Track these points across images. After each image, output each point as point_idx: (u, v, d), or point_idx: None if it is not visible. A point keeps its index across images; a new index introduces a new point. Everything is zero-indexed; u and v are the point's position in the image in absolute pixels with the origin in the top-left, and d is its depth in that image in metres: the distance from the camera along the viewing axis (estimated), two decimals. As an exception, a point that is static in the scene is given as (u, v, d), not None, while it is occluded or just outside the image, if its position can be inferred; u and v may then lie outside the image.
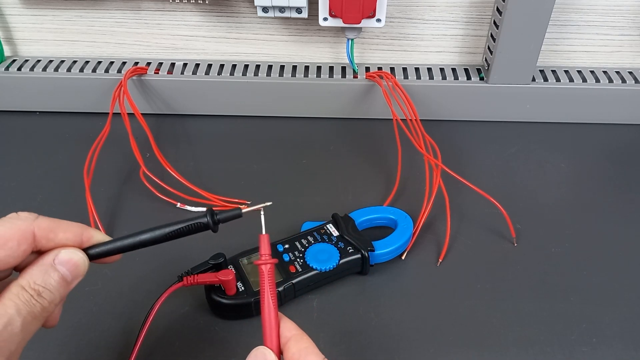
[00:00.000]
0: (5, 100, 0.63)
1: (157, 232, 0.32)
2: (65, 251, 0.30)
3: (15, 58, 0.64)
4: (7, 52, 0.65)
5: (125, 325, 0.42)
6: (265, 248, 0.32)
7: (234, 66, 0.63)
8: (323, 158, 0.58)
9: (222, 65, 0.63)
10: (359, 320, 0.42)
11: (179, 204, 0.51)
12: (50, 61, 0.63)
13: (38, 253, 0.30)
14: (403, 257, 0.47)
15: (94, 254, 0.31)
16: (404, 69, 0.63)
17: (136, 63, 0.63)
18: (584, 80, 0.61)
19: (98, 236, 0.32)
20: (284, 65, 0.63)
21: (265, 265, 0.32)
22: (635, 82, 0.61)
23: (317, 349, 0.30)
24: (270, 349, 0.30)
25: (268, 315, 0.31)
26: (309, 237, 0.46)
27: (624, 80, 0.61)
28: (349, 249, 0.44)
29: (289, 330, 0.31)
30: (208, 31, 0.63)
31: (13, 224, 0.29)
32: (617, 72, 0.62)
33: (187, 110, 0.64)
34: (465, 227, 0.50)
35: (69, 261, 0.29)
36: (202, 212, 0.33)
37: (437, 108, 0.62)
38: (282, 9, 0.55)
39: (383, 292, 0.44)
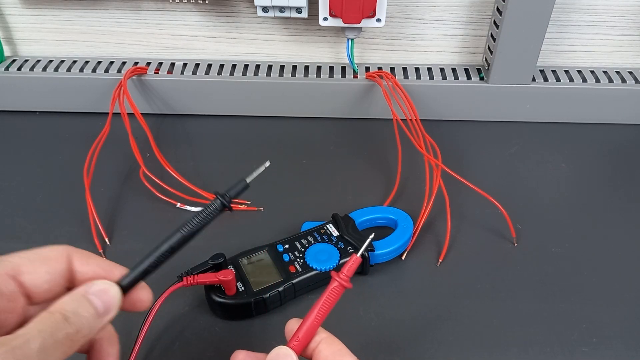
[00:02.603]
0: (5, 100, 0.63)
1: (175, 238, 0.31)
2: (99, 282, 0.28)
3: (15, 58, 0.64)
4: (7, 52, 0.65)
5: (125, 325, 0.42)
6: (350, 270, 0.32)
7: (234, 66, 0.63)
8: (323, 158, 0.58)
9: (222, 65, 0.63)
10: (359, 320, 0.42)
11: (178, 204, 0.51)
12: (50, 61, 0.63)
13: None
14: (403, 257, 0.47)
15: (126, 285, 0.30)
16: (404, 69, 0.63)
17: (136, 63, 0.63)
18: (584, 80, 0.61)
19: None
20: (284, 65, 0.63)
21: (338, 284, 0.31)
22: (635, 82, 0.61)
23: (349, 350, 0.30)
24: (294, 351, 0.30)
25: (311, 326, 0.31)
26: (309, 237, 0.46)
27: (624, 80, 0.61)
28: (349, 249, 0.44)
29: (318, 334, 0.31)
30: (208, 31, 0.63)
31: (51, 247, 0.29)
32: (617, 72, 0.62)
33: (187, 110, 0.64)
34: (465, 227, 0.50)
35: (102, 292, 0.28)
36: (211, 200, 0.32)
37: (437, 108, 0.62)
38: (282, 9, 0.55)
39: (383, 292, 0.44)
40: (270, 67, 0.63)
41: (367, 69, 0.63)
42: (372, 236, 0.34)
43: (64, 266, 0.28)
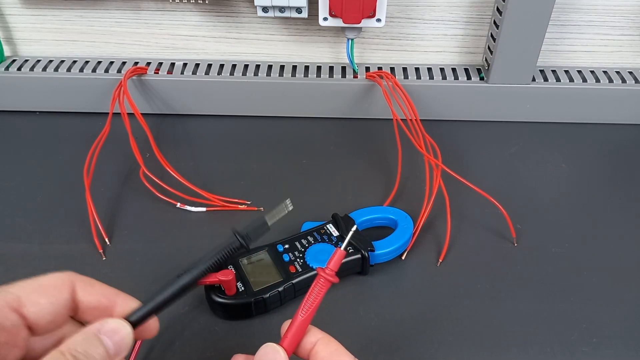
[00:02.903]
0: (5, 100, 0.63)
1: (188, 277, 0.30)
2: (112, 321, 0.27)
3: (15, 58, 0.64)
4: (7, 52, 0.65)
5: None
6: (335, 264, 0.31)
7: (234, 66, 0.63)
8: (323, 158, 0.58)
9: (222, 65, 0.63)
10: (359, 320, 0.42)
11: (178, 204, 0.51)
12: (50, 61, 0.63)
13: (78, 323, 0.29)
14: (403, 257, 0.47)
15: (136, 320, 0.29)
16: (404, 69, 0.63)
17: (136, 63, 0.63)
18: (584, 80, 0.61)
19: (132, 303, 0.30)
20: (284, 65, 0.63)
21: (324, 279, 0.31)
22: (635, 82, 0.61)
23: (346, 350, 0.30)
24: (284, 349, 0.30)
25: (300, 323, 0.30)
26: (309, 237, 0.46)
27: (624, 80, 0.61)
28: (349, 249, 0.44)
29: (314, 335, 0.31)
30: (208, 31, 0.63)
31: (52, 275, 0.28)
32: (617, 72, 0.62)
33: (187, 110, 0.64)
34: (465, 227, 0.50)
35: (114, 333, 0.27)
36: (230, 236, 0.31)
37: (437, 108, 0.62)
38: (282, 9, 0.55)
39: (383, 292, 0.44)
40: (270, 67, 0.63)
41: (367, 69, 0.63)
42: (354, 228, 0.34)
43: (67, 296, 0.28)
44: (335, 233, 0.46)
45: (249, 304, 0.41)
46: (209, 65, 0.63)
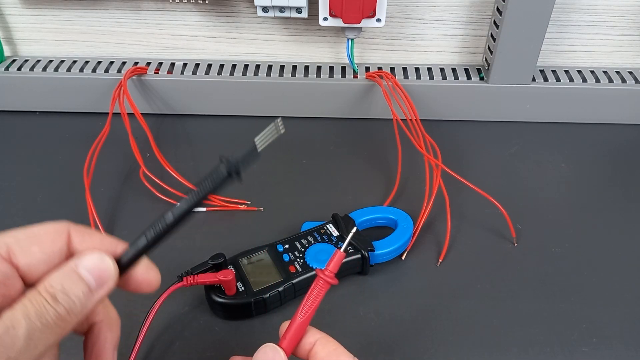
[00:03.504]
0: (5, 100, 0.63)
1: (179, 208, 0.28)
2: (91, 254, 0.25)
3: (15, 58, 0.64)
4: (7, 52, 0.65)
5: (125, 325, 0.42)
6: (335, 266, 0.31)
7: (234, 66, 0.63)
8: (323, 158, 0.58)
9: (222, 65, 0.63)
10: (359, 320, 0.42)
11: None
12: (50, 61, 0.63)
13: None
14: (403, 257, 0.47)
15: (127, 260, 0.27)
16: (404, 69, 0.63)
17: (136, 63, 0.63)
18: (584, 80, 0.61)
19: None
20: (284, 65, 0.63)
21: (323, 281, 0.31)
22: (635, 82, 0.61)
23: (345, 349, 0.30)
24: (283, 350, 0.30)
25: (299, 324, 0.30)
26: (309, 237, 0.46)
27: (624, 80, 0.61)
28: (349, 249, 0.44)
29: (313, 335, 0.30)
30: (208, 31, 0.63)
31: (47, 224, 0.26)
32: (617, 72, 0.62)
33: (187, 110, 0.64)
34: (465, 227, 0.50)
35: (94, 266, 0.25)
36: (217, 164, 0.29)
37: (437, 108, 0.62)
38: (282, 9, 0.55)
39: (383, 292, 0.44)
40: (270, 67, 0.63)
41: (367, 69, 0.62)
42: (355, 229, 0.34)
43: (61, 245, 0.26)
44: (335, 233, 0.46)
45: (249, 304, 0.41)
46: (209, 65, 0.63)
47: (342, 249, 0.31)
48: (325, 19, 0.55)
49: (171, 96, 0.62)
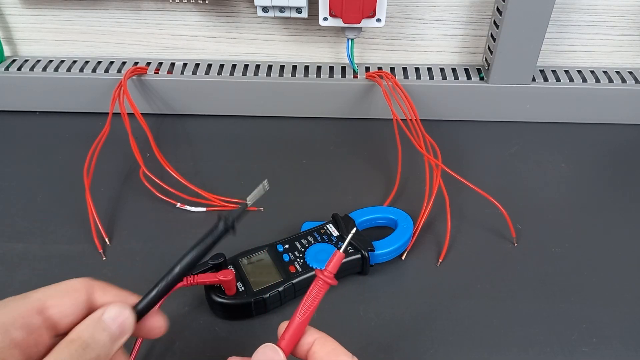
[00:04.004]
0: (5, 100, 0.63)
1: (183, 262, 0.32)
2: (114, 306, 0.29)
3: (15, 58, 0.64)
4: (7, 52, 0.65)
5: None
6: (334, 267, 0.31)
7: (234, 66, 0.63)
8: (323, 158, 0.58)
9: (222, 65, 0.63)
10: (359, 320, 0.42)
11: (178, 204, 0.51)
12: (50, 61, 0.63)
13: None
14: (403, 257, 0.47)
15: (140, 310, 0.31)
16: (404, 69, 0.63)
17: (136, 63, 0.63)
18: (584, 80, 0.61)
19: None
20: (284, 65, 0.63)
21: (322, 282, 0.31)
22: (635, 82, 0.61)
23: (344, 348, 0.30)
24: (282, 349, 0.30)
25: (298, 324, 0.30)
26: (309, 237, 0.46)
27: (624, 80, 0.61)
28: (349, 249, 0.44)
29: (311, 334, 0.31)
30: (208, 31, 0.63)
31: (72, 281, 0.30)
32: (617, 72, 0.62)
33: (187, 110, 0.64)
34: (465, 227, 0.50)
35: (117, 317, 0.29)
36: (215, 222, 0.33)
37: (437, 108, 0.62)
38: (282, 9, 0.55)
39: (383, 292, 0.44)
40: (270, 67, 0.63)
41: (367, 69, 0.63)
42: (354, 230, 0.34)
43: (85, 297, 0.30)
44: (335, 233, 0.46)
45: (249, 304, 0.41)
46: (209, 65, 0.63)
47: (341, 250, 0.31)
48: (325, 19, 0.55)
49: (171, 96, 0.62)
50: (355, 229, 0.35)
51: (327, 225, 0.47)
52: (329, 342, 0.30)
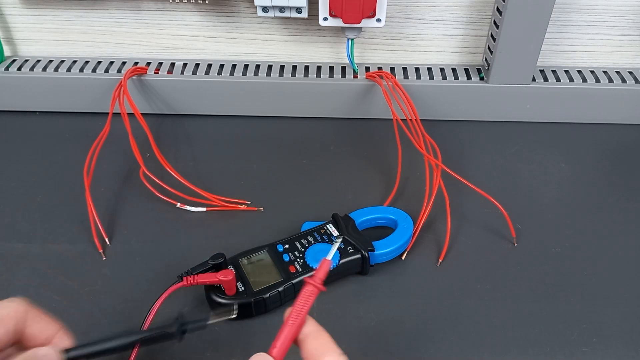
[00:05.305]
0: (5, 100, 0.63)
1: (127, 339, 0.33)
2: (45, 348, 0.30)
3: (15, 58, 0.64)
4: (7, 52, 0.65)
5: (125, 325, 0.42)
6: (322, 273, 0.32)
7: (234, 66, 0.63)
8: (323, 158, 0.58)
9: (222, 65, 0.63)
10: (359, 320, 0.42)
11: (178, 204, 0.51)
12: (50, 61, 0.63)
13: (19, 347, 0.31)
14: (403, 257, 0.47)
15: (71, 357, 0.32)
16: (404, 69, 0.63)
17: (136, 63, 0.63)
18: (584, 80, 0.61)
19: (69, 340, 0.33)
20: (284, 65, 0.63)
21: (312, 287, 0.32)
22: (635, 82, 0.61)
23: (336, 345, 0.30)
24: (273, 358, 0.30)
25: (289, 330, 0.31)
26: (309, 237, 0.46)
27: (624, 80, 0.61)
28: (349, 249, 0.44)
29: (307, 326, 0.31)
30: (208, 31, 0.63)
31: (4, 303, 0.31)
32: (617, 72, 0.62)
33: (187, 110, 0.64)
34: (465, 227, 0.50)
35: (46, 358, 0.30)
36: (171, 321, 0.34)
37: (437, 108, 0.62)
38: (282, 9, 0.55)
39: (383, 292, 0.44)
40: (270, 67, 0.63)
41: (367, 69, 0.63)
42: (340, 240, 0.36)
43: (14, 327, 0.31)
44: (335, 233, 0.46)
45: (249, 304, 0.41)
46: (209, 65, 0.63)
47: (329, 257, 0.32)
48: (325, 19, 0.55)
49: (171, 96, 0.62)
50: (341, 238, 0.35)
51: (327, 225, 0.47)
52: (322, 336, 0.31)
